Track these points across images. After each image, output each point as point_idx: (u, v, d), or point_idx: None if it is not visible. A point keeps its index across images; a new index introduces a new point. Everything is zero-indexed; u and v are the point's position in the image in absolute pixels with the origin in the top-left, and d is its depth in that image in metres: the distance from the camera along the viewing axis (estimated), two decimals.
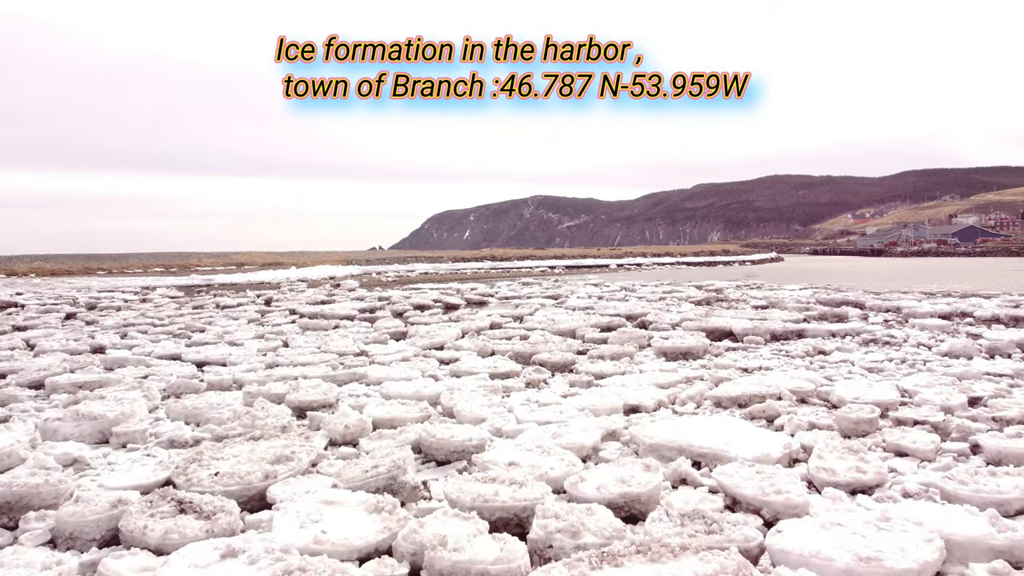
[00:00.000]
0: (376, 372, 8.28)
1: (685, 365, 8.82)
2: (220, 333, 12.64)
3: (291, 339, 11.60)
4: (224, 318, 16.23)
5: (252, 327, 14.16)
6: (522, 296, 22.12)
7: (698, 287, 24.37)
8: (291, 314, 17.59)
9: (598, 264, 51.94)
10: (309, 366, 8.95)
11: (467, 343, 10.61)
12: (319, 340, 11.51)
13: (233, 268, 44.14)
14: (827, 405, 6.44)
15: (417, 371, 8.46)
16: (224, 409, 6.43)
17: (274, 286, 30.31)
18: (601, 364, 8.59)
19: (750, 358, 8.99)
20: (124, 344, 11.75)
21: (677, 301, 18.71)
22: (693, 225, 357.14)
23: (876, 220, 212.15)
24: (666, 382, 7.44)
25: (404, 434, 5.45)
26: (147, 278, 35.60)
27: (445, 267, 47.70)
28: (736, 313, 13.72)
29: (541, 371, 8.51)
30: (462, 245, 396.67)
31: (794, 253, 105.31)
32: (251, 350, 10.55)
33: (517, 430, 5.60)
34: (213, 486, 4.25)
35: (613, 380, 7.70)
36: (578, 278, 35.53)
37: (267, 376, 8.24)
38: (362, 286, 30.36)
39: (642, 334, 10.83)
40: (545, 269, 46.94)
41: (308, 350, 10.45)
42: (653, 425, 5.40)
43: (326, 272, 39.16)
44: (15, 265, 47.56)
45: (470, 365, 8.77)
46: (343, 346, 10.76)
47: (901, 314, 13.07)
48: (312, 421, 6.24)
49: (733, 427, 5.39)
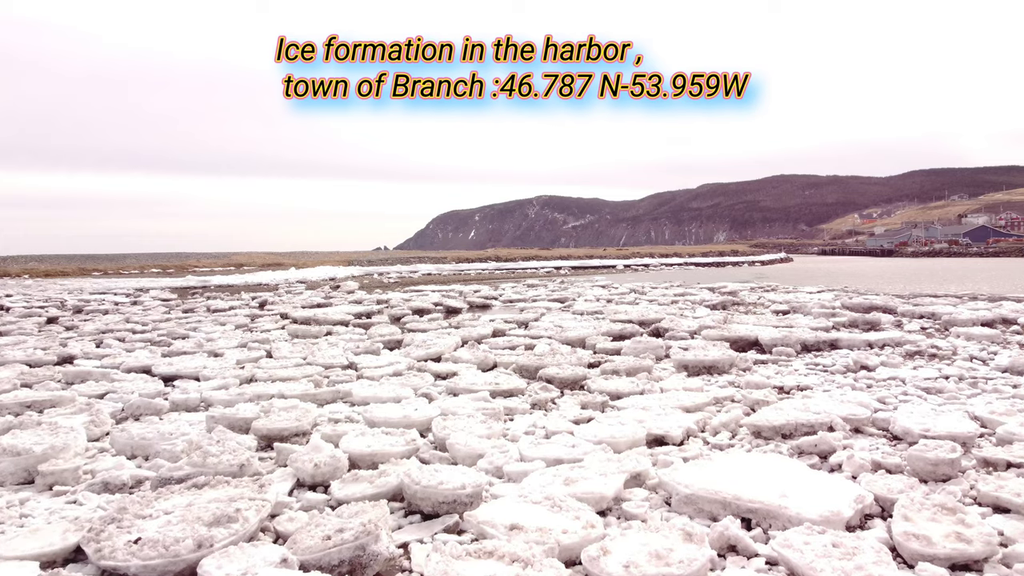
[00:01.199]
0: (362, 390, 7.32)
1: (711, 382, 7.84)
2: (201, 341, 11.70)
3: (276, 348, 10.65)
4: (211, 323, 15.31)
5: (239, 334, 13.24)
6: (527, 299, 21.16)
7: (711, 289, 23.37)
8: (282, 319, 16.65)
9: (605, 265, 50.91)
10: (289, 382, 8.01)
11: (467, 354, 9.65)
12: (306, 350, 10.56)
13: (232, 269, 43.24)
14: (887, 436, 5.46)
15: (409, 389, 7.50)
16: (178, 440, 5.48)
17: (271, 288, 29.40)
18: (616, 381, 7.61)
19: (784, 374, 8.00)
20: (97, 353, 10.83)
21: (691, 305, 17.72)
22: (699, 225, 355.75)
23: (884, 220, 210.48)
24: (693, 404, 6.47)
25: (384, 477, 4.49)
26: (142, 280, 34.72)
27: (449, 268, 46.74)
28: (758, 319, 12.73)
29: (548, 389, 7.54)
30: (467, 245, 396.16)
31: (802, 253, 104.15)
32: (230, 362, 9.61)
33: (521, 471, 4.63)
34: (129, 560, 3.30)
35: (631, 401, 6.72)
36: (585, 279, 34.55)
37: (239, 395, 7.29)
38: (362, 288, 29.42)
39: (658, 344, 9.85)
40: (551, 270, 45.96)
41: (292, 361, 9.51)
42: (688, 469, 4.43)
43: (326, 273, 38.24)
44: (9, 266, 46.76)
45: (469, 381, 7.81)
46: (331, 356, 9.82)
47: (939, 321, 12.06)
48: (280, 454, 5.29)
49: (784, 469, 4.42)
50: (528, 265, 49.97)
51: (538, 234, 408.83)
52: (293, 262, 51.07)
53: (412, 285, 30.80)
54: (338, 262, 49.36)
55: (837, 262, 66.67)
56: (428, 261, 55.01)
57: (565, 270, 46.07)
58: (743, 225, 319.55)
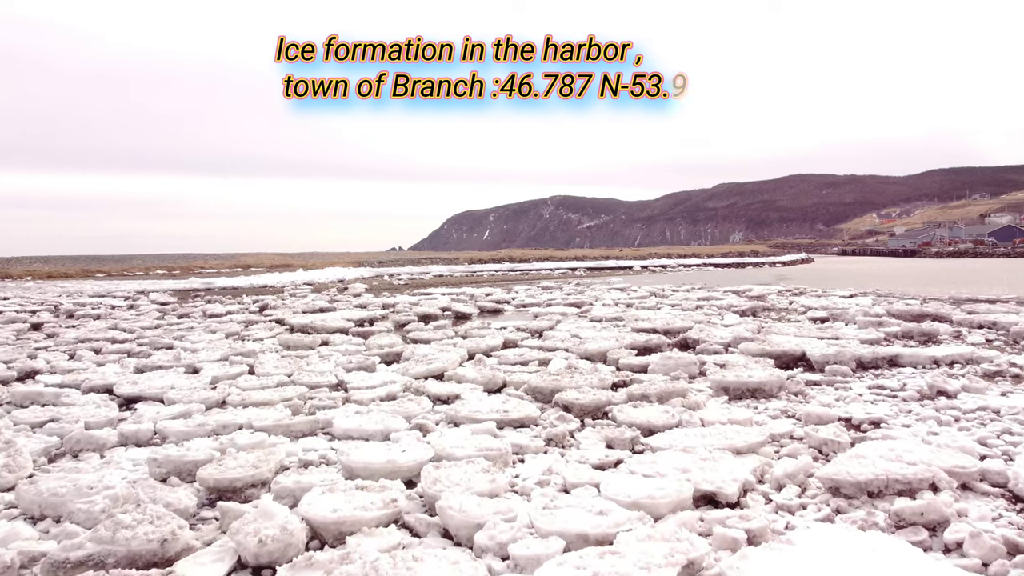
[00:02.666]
0: (345, 421, 6.15)
1: (760, 410, 6.62)
2: (180, 354, 10.58)
3: (260, 363, 9.51)
4: (202, 331, 14.24)
5: (226, 344, 12.16)
6: (541, 303, 19.96)
7: (736, 292, 22.07)
8: (278, 325, 15.56)
9: (621, 266, 49.57)
10: (264, 407, 6.87)
11: (472, 371, 8.46)
12: (293, 365, 9.43)
13: (238, 271, 42.29)
14: (1007, 496, 4.23)
15: (401, 418, 6.33)
16: (99, 496, 4.32)
17: (277, 290, 28.38)
18: (647, 410, 6.40)
19: (846, 401, 6.75)
20: (64, 367, 9.76)
21: (718, 311, 16.46)
22: (715, 225, 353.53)
23: (903, 220, 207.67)
24: (744, 444, 5.26)
25: (347, 566, 3.32)
26: (144, 282, 33.80)
27: (461, 269, 45.57)
28: (798, 329, 11.47)
29: (566, 419, 6.35)
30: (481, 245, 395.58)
31: (821, 253, 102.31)
32: (204, 379, 8.49)
33: (532, 557, 3.44)
34: None
35: (668, 439, 5.52)
36: (601, 281, 33.30)
37: (199, 426, 6.16)
38: (370, 290, 28.32)
39: (691, 360, 8.63)
40: (566, 271, 44.72)
41: (274, 379, 8.38)
42: (763, 559, 3.22)
43: (335, 275, 37.20)
44: (13, 267, 46.05)
45: (473, 408, 6.64)
46: (319, 373, 8.70)
47: (1003, 332, 10.76)
48: (224, 517, 4.14)
49: (894, 557, 3.21)
50: (542, 266, 48.71)
51: (552, 234, 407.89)
52: (301, 263, 50.07)
53: (422, 287, 29.69)
54: (348, 263, 48.30)
55: (859, 263, 65.00)
56: (440, 262, 53.86)
57: (580, 271, 44.81)
58: (759, 225, 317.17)
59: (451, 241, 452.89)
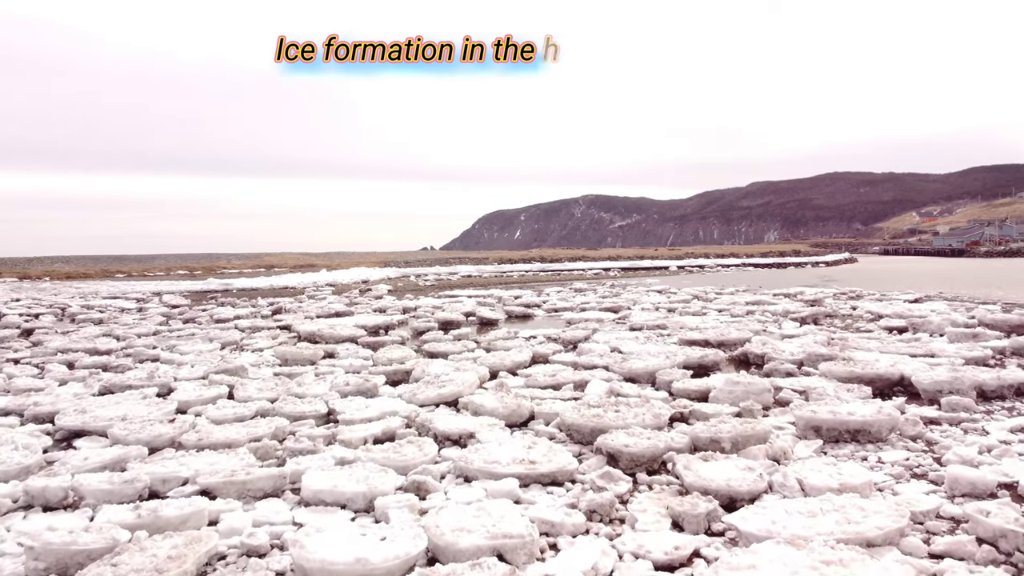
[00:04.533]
0: (317, 480, 4.62)
1: (872, 464, 4.96)
2: (156, 371, 9.14)
3: (244, 385, 8.03)
4: (199, 340, 12.85)
5: (219, 356, 10.77)
6: (574, 307, 18.33)
7: (787, 296, 20.25)
8: (285, 332, 14.15)
9: (656, 266, 47.63)
10: (224, 451, 5.37)
11: (493, 398, 6.88)
12: (282, 386, 7.94)
13: (261, 271, 41.16)
14: None
15: (393, 473, 4.79)
16: None
17: (297, 292, 27.09)
18: (722, 465, 4.78)
19: (998, 454, 5.01)
20: (23, 386, 8.38)
21: (773, 317, 14.72)
22: (749, 224, 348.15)
23: (946, 218, 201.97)
24: (877, 532, 3.62)
25: None
26: (162, 282, 32.74)
27: (490, 269, 43.98)
28: (881, 343, 9.72)
29: (612, 475, 4.75)
30: (512, 245, 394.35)
31: (862, 253, 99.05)
32: (172, 404, 7.02)
33: None
34: None
35: (761, 520, 3.88)
36: (636, 282, 31.52)
37: (127, 482, 4.66)
38: (395, 291, 26.91)
39: (763, 386, 6.95)
40: (599, 272, 42.95)
41: (254, 406, 6.91)
42: None
43: (359, 275, 35.87)
44: (33, 267, 45.46)
45: (490, 455, 5.07)
46: (310, 397, 7.26)
47: None
48: None
49: None
50: (575, 267, 46.92)
51: (584, 234, 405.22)
52: (326, 263, 48.85)
53: (449, 288, 28.21)
54: (374, 263, 46.99)
55: (905, 262, 62.29)
56: (469, 262, 52.32)
57: (614, 272, 42.99)
58: (795, 224, 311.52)
59: (482, 241, 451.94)
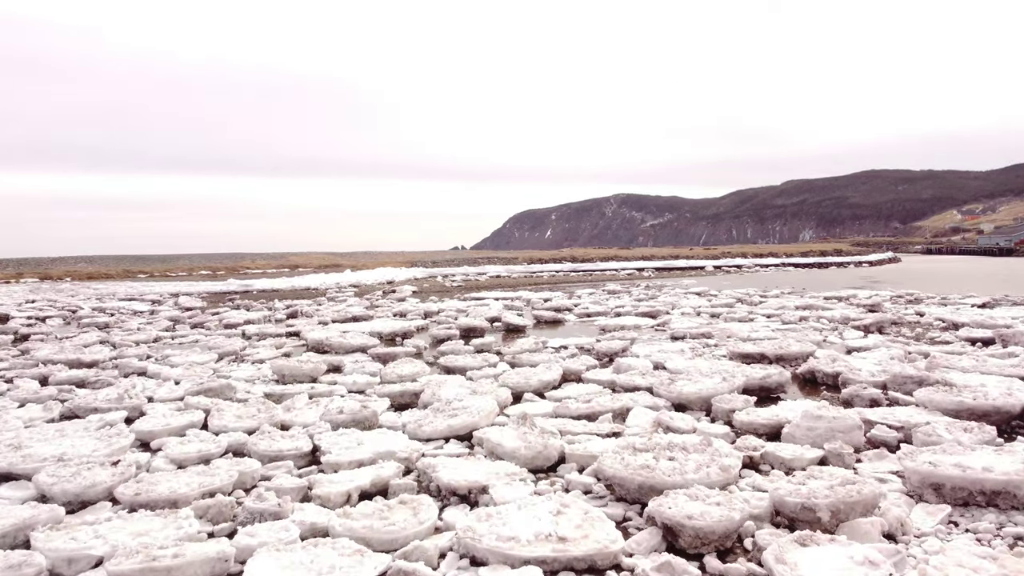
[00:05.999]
0: (267, 569, 3.36)
1: None
2: (130, 388, 7.98)
3: (221, 411, 6.82)
4: (198, 349, 11.75)
5: (211, 369, 9.64)
6: (608, 311, 16.97)
7: (840, 299, 18.66)
8: (293, 338, 13.00)
9: (692, 266, 45.93)
10: (162, 514, 4.15)
11: (514, 435, 5.56)
12: (266, 413, 6.72)
13: (285, 271, 40.25)
14: None
15: (368, 565, 3.52)
16: None
17: (319, 293, 26.04)
18: (828, 553, 3.43)
19: None
20: None
21: (831, 325, 13.23)
22: (783, 223, 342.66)
23: (989, 216, 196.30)
24: None
25: None
26: (182, 283, 31.92)
27: (519, 269, 42.64)
28: (975, 361, 8.23)
29: (673, 569, 3.43)
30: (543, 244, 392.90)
31: (903, 252, 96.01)
32: (124, 441, 5.83)
33: None
34: None
35: None
36: (672, 283, 30.00)
37: (12, 567, 3.45)
38: (420, 292, 25.75)
39: (851, 422, 5.54)
40: (632, 272, 41.42)
41: (224, 441, 5.72)
42: None
43: (385, 276, 34.77)
44: (56, 267, 45.06)
45: (506, 526, 3.78)
46: (300, 424, 6.07)
47: None
48: None
49: None
50: (607, 267, 45.38)
51: (615, 233, 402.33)
52: (351, 263, 47.85)
53: (475, 290, 26.96)
54: (400, 263, 45.89)
55: (951, 262, 59.73)
56: (498, 262, 50.97)
57: (648, 272, 41.42)
58: (830, 223, 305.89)
59: (513, 240, 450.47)
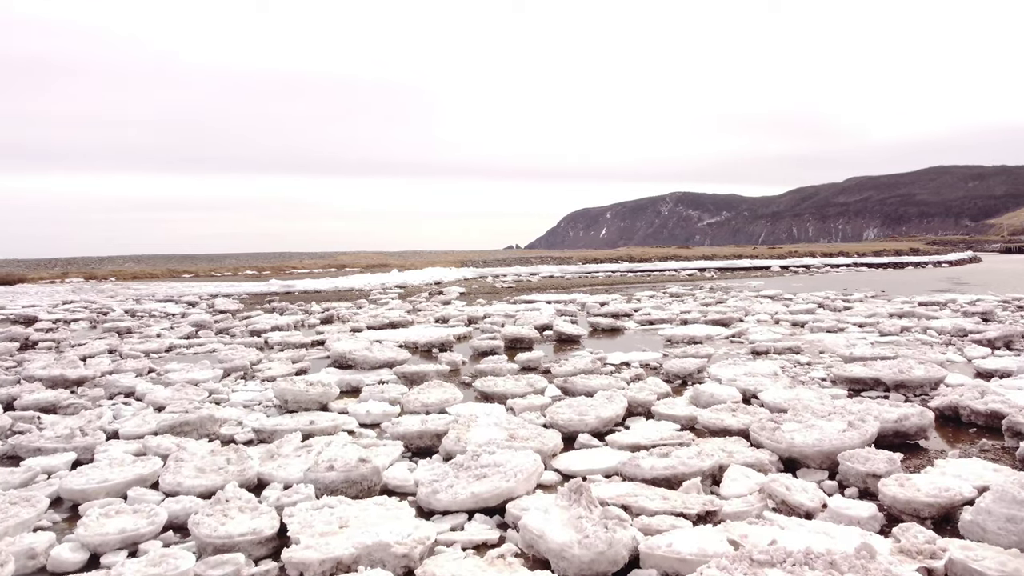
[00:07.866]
0: None
1: None
2: (98, 420, 6.55)
3: (183, 460, 5.29)
4: (207, 364, 10.36)
5: (212, 389, 8.23)
6: (673, 318, 15.12)
7: (940, 305, 16.47)
8: (316, 348, 11.57)
9: (756, 266, 43.46)
10: None
11: (563, 521, 3.85)
12: (240, 463, 5.17)
13: (332, 270, 39.24)
14: None
15: None
16: None
17: (363, 294, 24.74)
18: None
19: None
20: None
21: (942, 338, 11.21)
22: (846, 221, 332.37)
23: None
24: None
25: None
26: (223, 284, 31.05)
27: (573, 270, 40.83)
28: None
29: None
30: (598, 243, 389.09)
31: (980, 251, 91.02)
32: (39, 506, 4.35)
33: None
34: None
35: None
36: (738, 284, 27.87)
37: None
38: (468, 294, 24.22)
39: None
40: (693, 272, 39.26)
41: (162, 517, 4.17)
42: None
43: (433, 276, 33.39)
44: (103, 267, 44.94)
45: None
46: (278, 482, 4.47)
47: None
48: None
49: None
50: (666, 267, 43.26)
51: (671, 232, 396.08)
52: (400, 263, 46.68)
53: (527, 291, 25.33)
54: (450, 263, 44.49)
55: None
56: (551, 261, 49.19)
57: (710, 272, 39.21)
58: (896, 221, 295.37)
59: (568, 239, 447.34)
